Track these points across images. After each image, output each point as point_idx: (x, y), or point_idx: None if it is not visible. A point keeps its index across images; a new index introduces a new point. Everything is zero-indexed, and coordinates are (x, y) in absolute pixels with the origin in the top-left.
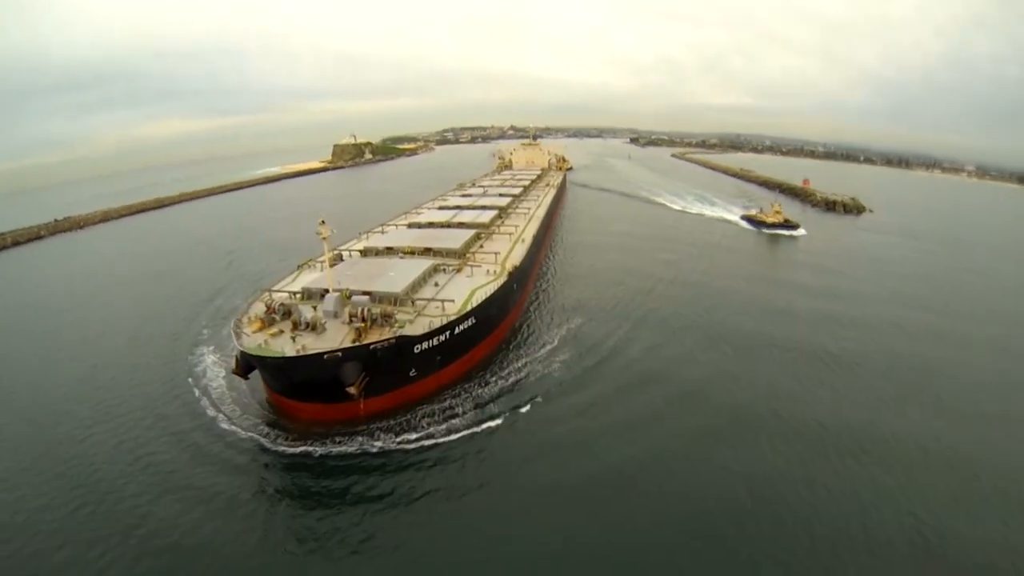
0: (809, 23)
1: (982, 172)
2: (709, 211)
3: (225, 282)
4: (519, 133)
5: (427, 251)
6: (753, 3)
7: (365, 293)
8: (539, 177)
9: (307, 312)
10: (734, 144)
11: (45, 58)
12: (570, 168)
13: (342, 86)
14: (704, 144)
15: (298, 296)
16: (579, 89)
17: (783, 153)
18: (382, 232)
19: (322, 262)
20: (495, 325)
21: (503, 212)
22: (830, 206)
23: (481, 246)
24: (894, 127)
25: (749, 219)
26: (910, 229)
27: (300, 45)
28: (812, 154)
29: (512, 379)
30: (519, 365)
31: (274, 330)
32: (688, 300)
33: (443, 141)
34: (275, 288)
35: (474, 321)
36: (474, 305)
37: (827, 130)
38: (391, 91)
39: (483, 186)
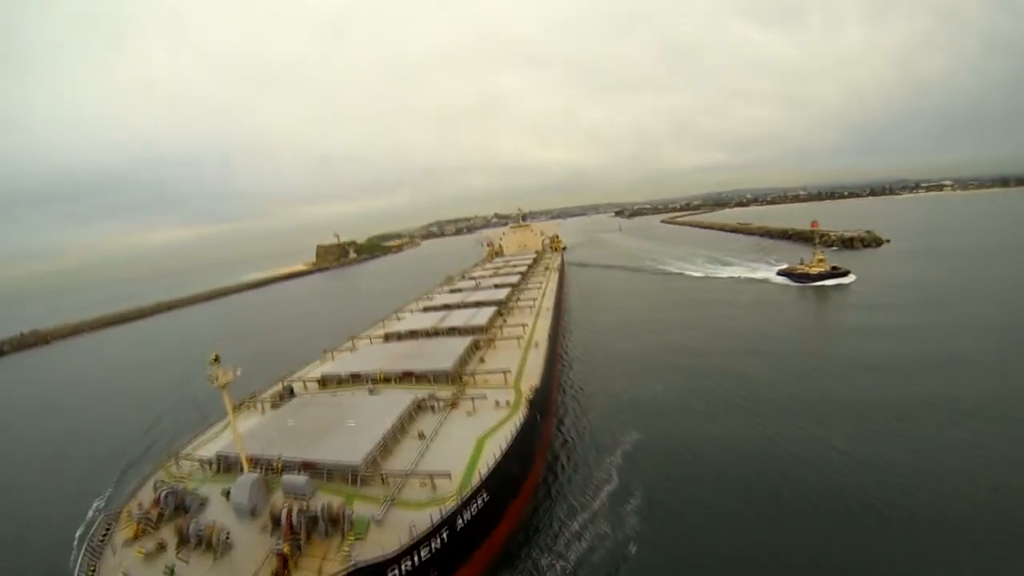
0: (768, 73)
1: (962, 184)
2: (734, 272)
3: (168, 407)
4: (503, 220)
5: (407, 377)
6: (712, 63)
7: (305, 465)
8: (535, 261)
9: (211, 506)
10: (718, 202)
11: (40, 166)
12: (564, 248)
13: (325, 188)
14: (688, 207)
15: (211, 469)
16: (556, 169)
17: (768, 202)
18: (351, 349)
19: (256, 408)
20: (519, 485)
21: (503, 308)
22: (847, 243)
23: (482, 360)
24: (866, 159)
25: (789, 274)
26: (945, 251)
27: (283, 149)
28: (797, 198)
29: (570, 562)
30: (575, 530)
31: (151, 544)
32: (767, 380)
33: (428, 235)
34: (186, 451)
35: (487, 498)
36: (485, 474)
37: (804, 173)
38: (373, 190)
39: (475, 278)
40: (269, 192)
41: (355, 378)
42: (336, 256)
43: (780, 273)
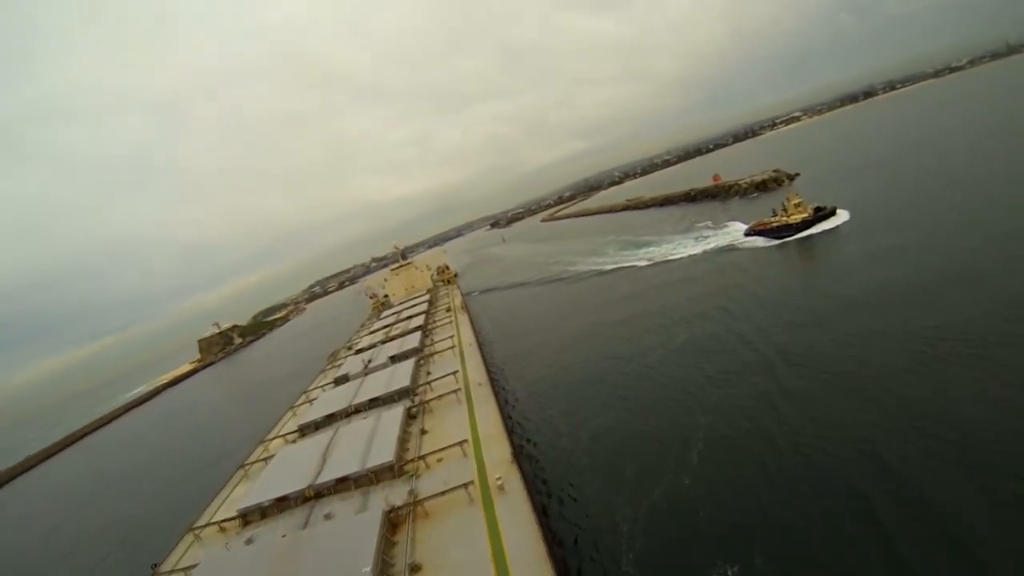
0: (606, 55)
1: (814, 111)
2: (682, 250)
3: None
4: (382, 263)
5: None
6: (552, 59)
7: None
8: (431, 304)
9: None
10: (590, 188)
11: None
12: (456, 275)
13: (198, 276)
14: (561, 200)
15: None
16: (422, 199)
17: (639, 175)
18: (195, 542)
19: None
20: None
21: (414, 403)
22: (761, 187)
23: (414, 568)
24: (716, 112)
25: (763, 231)
26: (863, 166)
27: (148, 247)
28: (667, 164)
29: None
30: None
31: None
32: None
33: (312, 297)
34: None
35: None
36: None
37: (664, 138)
38: (247, 267)
39: (362, 349)
40: (142, 295)
41: None
42: (221, 346)
43: (750, 233)
